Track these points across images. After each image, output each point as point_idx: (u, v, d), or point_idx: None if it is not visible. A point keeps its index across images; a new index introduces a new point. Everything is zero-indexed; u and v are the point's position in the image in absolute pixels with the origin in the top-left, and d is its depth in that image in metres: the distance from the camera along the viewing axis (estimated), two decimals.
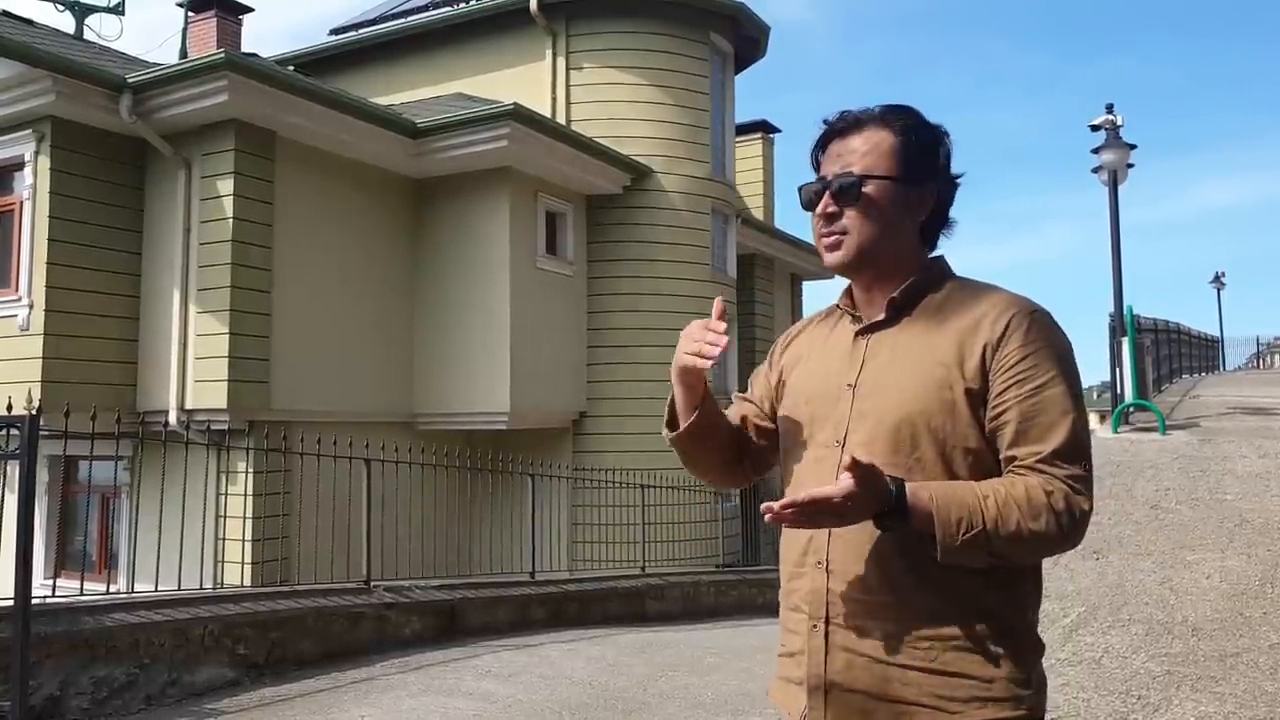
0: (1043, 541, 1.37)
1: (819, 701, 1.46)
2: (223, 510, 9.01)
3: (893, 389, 1.48)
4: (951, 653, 1.40)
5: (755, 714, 4.95)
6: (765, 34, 14.50)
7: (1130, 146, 11.61)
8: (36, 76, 8.83)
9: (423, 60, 13.94)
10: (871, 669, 1.42)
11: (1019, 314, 1.45)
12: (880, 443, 1.45)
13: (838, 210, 1.55)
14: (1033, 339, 1.43)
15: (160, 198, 9.86)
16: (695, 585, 10.01)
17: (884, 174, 1.53)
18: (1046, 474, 1.38)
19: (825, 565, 1.48)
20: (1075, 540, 1.40)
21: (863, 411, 1.49)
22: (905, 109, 1.58)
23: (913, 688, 1.40)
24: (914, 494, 1.36)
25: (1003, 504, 1.35)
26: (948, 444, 1.43)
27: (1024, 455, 1.40)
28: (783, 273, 18.52)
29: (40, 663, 4.61)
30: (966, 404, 1.43)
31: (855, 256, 1.56)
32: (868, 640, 1.43)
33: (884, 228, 1.54)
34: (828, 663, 1.46)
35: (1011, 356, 1.42)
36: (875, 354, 1.54)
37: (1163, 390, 13.58)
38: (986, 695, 1.39)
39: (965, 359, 1.44)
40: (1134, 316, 10.44)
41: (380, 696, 5.26)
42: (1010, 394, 1.41)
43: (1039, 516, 1.35)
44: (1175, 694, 3.55)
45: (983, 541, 1.35)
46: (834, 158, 1.57)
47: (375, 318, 11.09)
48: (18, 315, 9.22)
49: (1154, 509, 5.96)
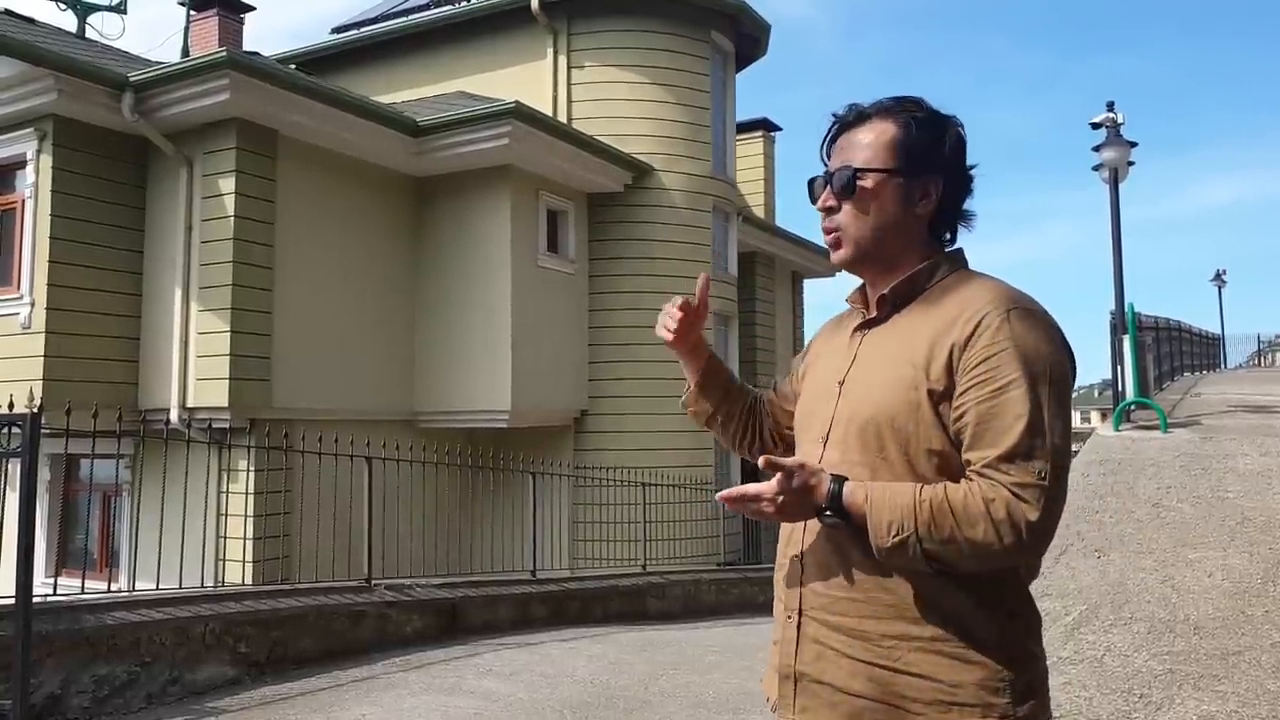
0: (983, 550, 1.31)
1: (789, 690, 1.48)
2: (224, 508, 9.02)
3: (866, 388, 1.48)
4: (916, 654, 1.38)
5: (756, 712, 4.95)
6: (766, 32, 14.49)
7: (1131, 144, 11.59)
8: (39, 75, 8.83)
9: (424, 59, 13.94)
10: (839, 663, 1.43)
11: (993, 312, 1.40)
12: (852, 441, 1.46)
13: (836, 205, 1.54)
14: (1000, 339, 1.38)
15: (162, 196, 9.86)
16: (696, 584, 10.01)
17: (882, 166, 1.50)
18: (991, 480, 1.33)
19: (800, 558, 1.50)
20: (1027, 550, 1.33)
21: (842, 409, 1.50)
22: (911, 100, 1.55)
23: (875, 685, 1.39)
24: (850, 494, 1.38)
25: (937, 509, 1.33)
26: (911, 445, 1.41)
27: (975, 459, 1.36)
28: (784, 271, 18.52)
29: (41, 661, 4.61)
30: (930, 405, 1.40)
31: (855, 253, 1.55)
32: (836, 635, 1.44)
33: (883, 222, 1.52)
34: (799, 653, 1.47)
35: (976, 357, 1.38)
36: (864, 352, 1.54)
37: (1164, 388, 13.57)
38: (951, 700, 1.36)
39: (932, 359, 1.41)
40: (1135, 314, 10.43)
41: (382, 695, 5.26)
42: (970, 395, 1.38)
43: (975, 524, 1.31)
44: (1178, 692, 3.55)
45: (913, 545, 1.33)
46: (839, 152, 1.56)
47: (376, 316, 11.10)
48: (19, 313, 9.22)
49: (1155, 507, 5.95)
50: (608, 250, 12.73)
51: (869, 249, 1.54)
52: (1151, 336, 12.75)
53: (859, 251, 1.54)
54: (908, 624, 1.39)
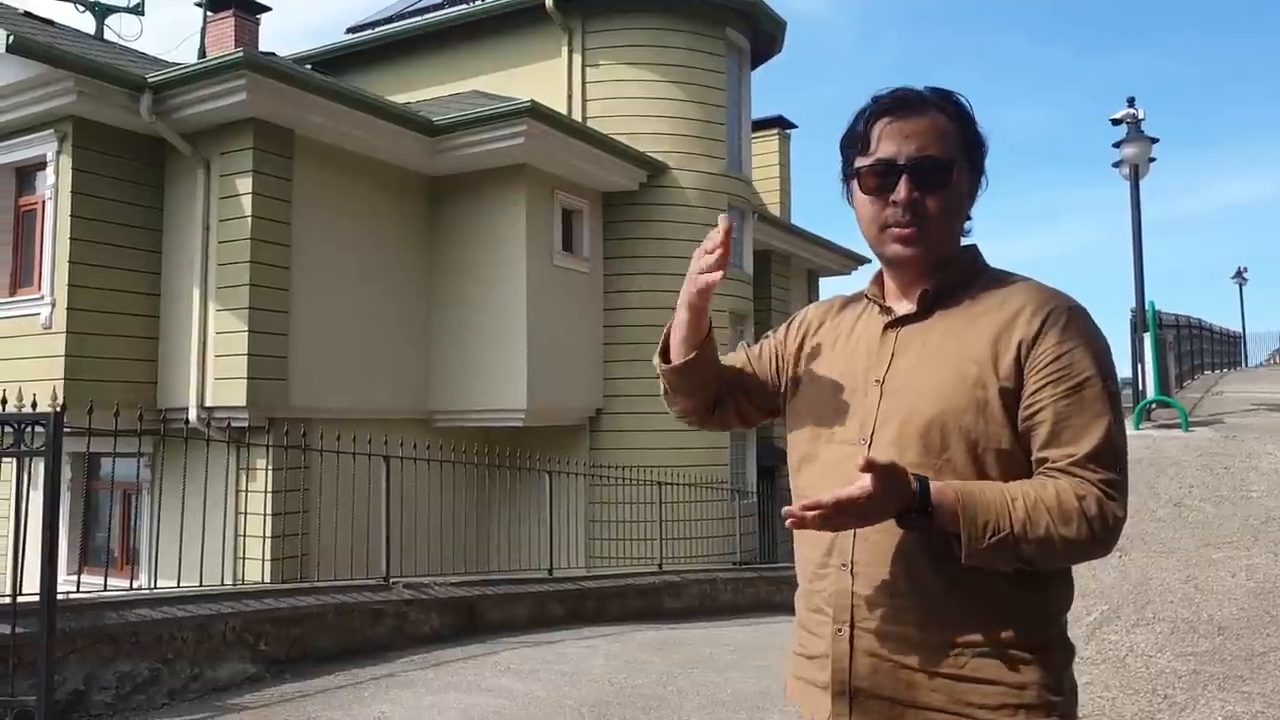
0: (1074, 547, 1.33)
1: (844, 707, 1.42)
2: (243, 507, 9.09)
3: (923, 387, 1.42)
4: (980, 658, 1.36)
5: (774, 712, 4.94)
6: (782, 29, 14.45)
7: (1152, 140, 11.49)
8: (58, 77, 8.90)
9: (439, 58, 13.96)
10: (897, 674, 1.38)
11: (1056, 309, 1.40)
12: (909, 441, 1.40)
13: (920, 198, 1.45)
14: (1070, 336, 1.38)
15: (180, 196, 9.92)
16: (712, 583, 9.99)
17: (962, 161, 1.47)
18: (1079, 477, 1.33)
19: (850, 567, 1.43)
20: (1107, 547, 1.35)
21: (891, 408, 1.44)
22: (957, 94, 1.50)
23: (940, 694, 1.37)
24: (939, 493, 1.32)
25: (1032, 507, 1.31)
26: (979, 444, 1.38)
27: (1057, 457, 1.35)
28: (799, 269, 18.47)
29: (65, 658, 4.65)
30: (1000, 403, 1.38)
31: (936, 248, 1.48)
32: (893, 645, 1.39)
33: (959, 218, 1.50)
34: (853, 668, 1.41)
35: (1047, 354, 1.37)
36: (906, 348, 1.48)
37: (1185, 386, 13.45)
38: (1018, 702, 1.35)
39: (999, 356, 1.39)
40: (1156, 312, 10.34)
41: (400, 693, 5.28)
42: (1045, 393, 1.36)
43: (1070, 521, 1.31)
44: (1202, 693, 3.52)
45: (1010, 545, 1.31)
46: (902, 138, 1.45)
47: (392, 315, 11.13)
48: (41, 313, 9.30)
49: (1177, 506, 5.90)
50: (622, 249, 12.73)
51: (943, 245, 1.49)
52: (1172, 334, 12.64)
53: (939, 247, 1.48)
54: (974, 630, 1.36)
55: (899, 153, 1.45)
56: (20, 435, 4.54)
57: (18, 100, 9.28)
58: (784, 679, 1.59)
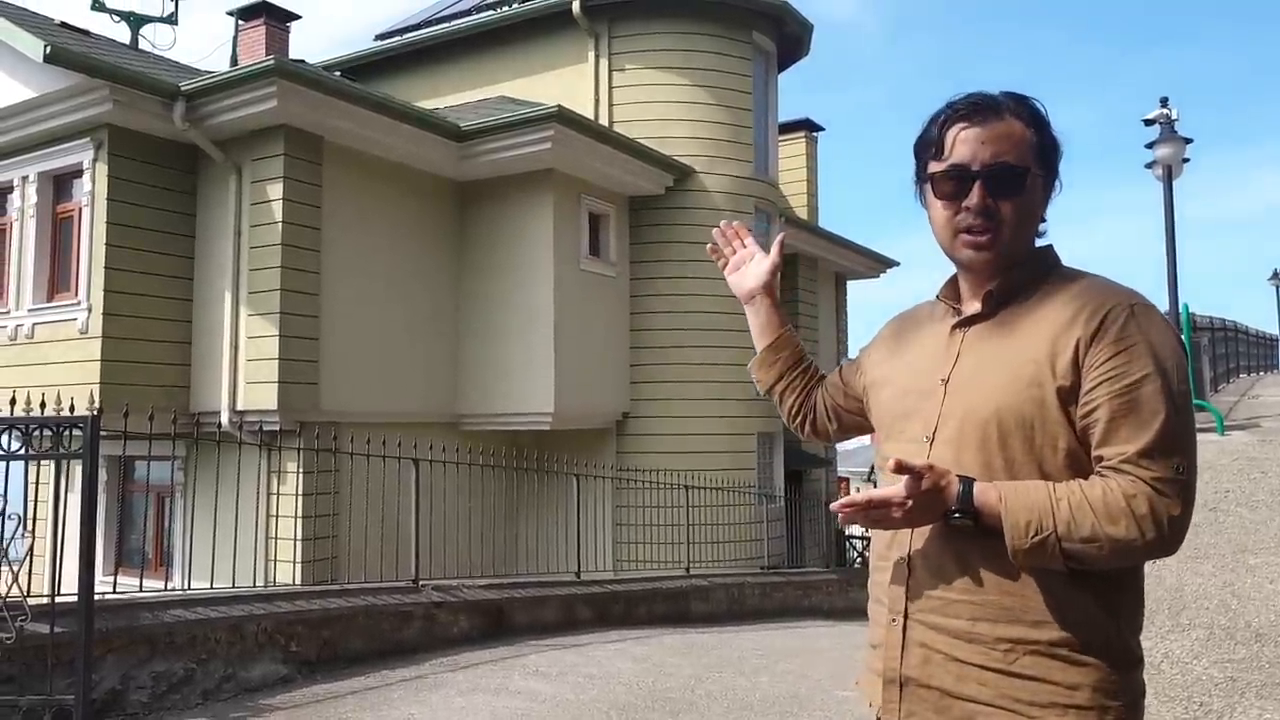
0: (1125, 546, 1.31)
1: (894, 695, 1.45)
2: (274, 510, 9.18)
3: (983, 385, 1.44)
4: (1031, 656, 1.36)
5: (803, 716, 4.91)
6: (809, 32, 14.40)
7: (1186, 140, 11.34)
8: (95, 86, 9.07)
9: (466, 64, 14.06)
10: (947, 666, 1.40)
11: (1116, 308, 1.39)
12: (968, 440, 1.42)
13: (994, 203, 1.46)
14: (1128, 334, 1.37)
15: (212, 202, 10.06)
16: (740, 586, 9.97)
17: (1036, 166, 1.47)
18: (1131, 475, 1.32)
19: (907, 560, 1.46)
20: (1167, 545, 1.33)
21: (953, 407, 1.46)
22: (1032, 98, 1.51)
23: (988, 689, 1.37)
24: (982, 494, 1.34)
25: (1076, 506, 1.31)
26: (1036, 441, 1.39)
27: (1110, 455, 1.35)
28: (827, 273, 18.38)
29: (102, 657, 4.72)
30: (1057, 401, 1.38)
31: (1009, 253, 1.49)
32: (944, 637, 1.41)
33: (1033, 224, 1.51)
34: (904, 657, 1.44)
35: (1105, 352, 1.37)
36: (970, 348, 1.49)
37: (1220, 390, 13.24)
38: (1068, 703, 1.35)
39: (1057, 355, 1.39)
40: (1190, 315, 10.20)
41: (430, 694, 5.31)
42: (1101, 391, 1.36)
43: (1117, 521, 1.30)
44: (1239, 700, 3.46)
45: (1053, 545, 1.31)
46: (977, 144, 1.46)
47: (421, 319, 11.21)
48: (78, 318, 9.46)
49: (1213, 511, 5.81)
50: (649, 253, 12.73)
51: (1016, 250, 1.49)
52: (1207, 337, 12.46)
53: (1012, 252, 1.49)
54: (1026, 627, 1.37)
55: (973, 158, 1.46)
56: (58, 438, 4.61)
57: (55, 109, 9.47)
58: (815, 683, 1.62)
